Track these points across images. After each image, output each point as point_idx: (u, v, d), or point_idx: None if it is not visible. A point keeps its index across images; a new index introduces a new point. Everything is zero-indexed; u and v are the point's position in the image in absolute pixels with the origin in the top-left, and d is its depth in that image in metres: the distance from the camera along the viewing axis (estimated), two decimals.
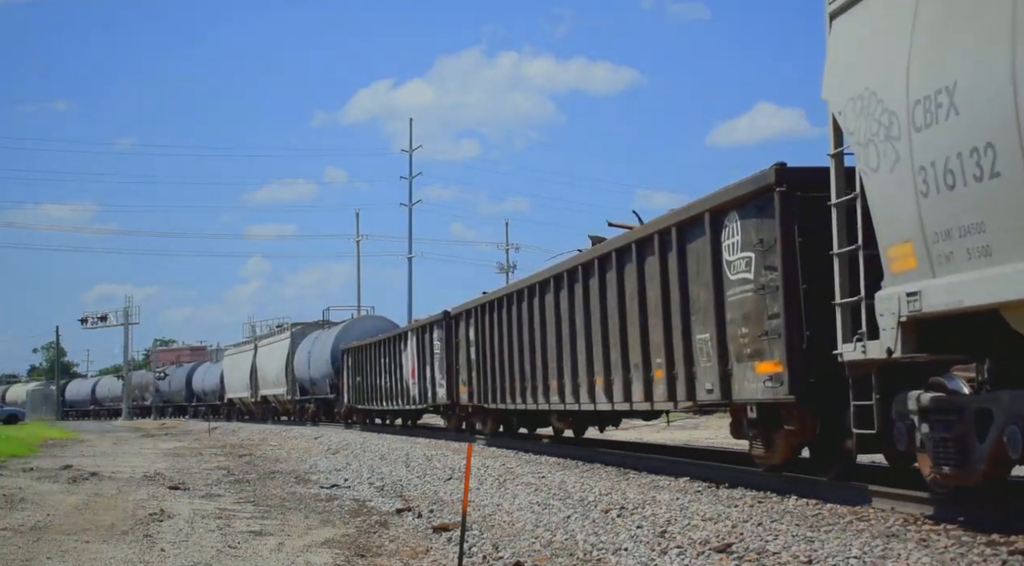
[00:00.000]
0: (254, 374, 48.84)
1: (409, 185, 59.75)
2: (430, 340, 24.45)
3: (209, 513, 11.35)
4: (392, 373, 28.48)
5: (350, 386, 34.08)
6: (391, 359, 28.66)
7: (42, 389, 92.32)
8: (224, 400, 55.79)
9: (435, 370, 23.99)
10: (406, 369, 26.94)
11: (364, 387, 32.04)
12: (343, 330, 37.49)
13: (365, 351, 32.15)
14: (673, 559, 7.23)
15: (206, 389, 61.00)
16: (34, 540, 9.47)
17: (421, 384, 25.36)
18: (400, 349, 27.75)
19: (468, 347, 21.56)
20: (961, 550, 6.57)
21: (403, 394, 27.35)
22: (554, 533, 8.85)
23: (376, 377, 30.47)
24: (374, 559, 8.40)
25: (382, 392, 29.75)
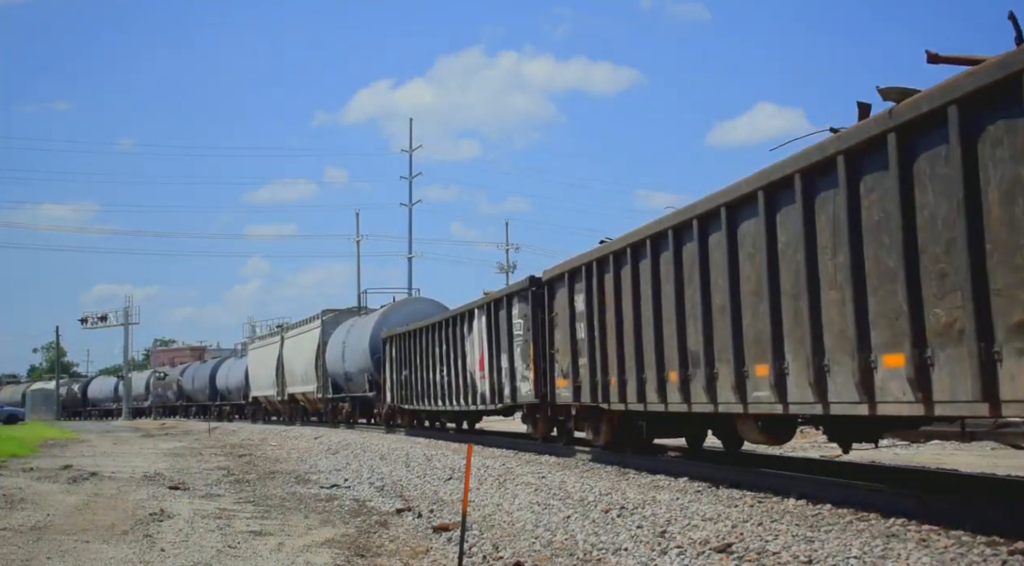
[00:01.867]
0: (280, 369, 43.57)
1: (409, 185, 59.73)
2: (507, 319, 18.48)
3: (209, 513, 11.35)
4: (450, 365, 22.64)
5: (394, 382, 28.29)
6: (449, 347, 22.74)
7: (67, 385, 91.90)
8: (249, 399, 50.58)
9: (515, 358, 18.11)
10: (471, 359, 21.13)
11: (412, 383, 26.30)
12: (384, 315, 31.09)
13: (413, 338, 26.01)
14: (673, 559, 7.23)
15: (230, 387, 55.43)
16: (34, 540, 9.47)
17: (493, 377, 19.47)
18: (461, 333, 21.85)
19: (574, 323, 15.09)
20: (961, 550, 6.57)
21: (466, 391, 21.54)
22: (554, 533, 8.85)
23: (428, 370, 24.63)
24: (374, 559, 8.40)
25: (436, 389, 23.96)
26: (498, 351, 19.20)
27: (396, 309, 31.49)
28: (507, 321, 18.46)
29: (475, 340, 20.77)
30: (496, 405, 19.73)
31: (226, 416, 55.74)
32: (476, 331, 20.62)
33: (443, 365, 23.19)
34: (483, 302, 20.17)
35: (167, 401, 69.50)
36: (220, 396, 57.39)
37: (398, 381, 27.82)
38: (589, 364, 14.38)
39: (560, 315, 15.82)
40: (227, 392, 56.00)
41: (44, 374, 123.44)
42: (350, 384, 33.60)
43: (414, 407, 26.57)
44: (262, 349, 48.73)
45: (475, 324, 20.78)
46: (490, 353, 19.61)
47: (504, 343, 18.78)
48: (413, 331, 26.12)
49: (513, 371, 18.26)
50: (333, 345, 35.18)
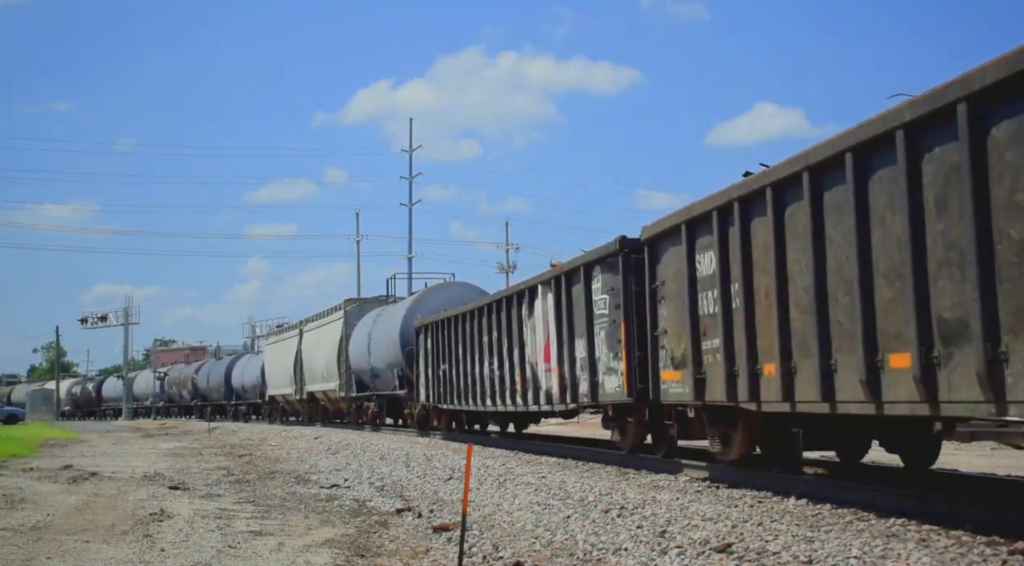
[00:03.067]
0: (299, 366, 40.12)
1: (409, 185, 59.64)
2: (585, 295, 14.68)
3: (209, 513, 11.36)
4: (502, 356, 18.91)
5: (429, 378, 24.60)
6: (501, 334, 19.03)
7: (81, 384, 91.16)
8: (265, 398, 47.06)
9: (596, 345, 14.36)
10: (532, 347, 17.40)
11: (451, 379, 22.56)
12: (416, 302, 27.57)
13: (454, 326, 22.39)
14: (673, 559, 7.23)
15: (246, 385, 51.69)
16: (34, 540, 9.47)
17: (564, 370, 15.65)
18: (518, 317, 18.03)
19: (695, 293, 11.23)
20: (961, 550, 6.57)
21: (524, 388, 17.78)
22: (554, 533, 8.85)
23: (472, 364, 20.98)
24: (374, 559, 8.40)
25: (482, 386, 20.22)
26: (571, 337, 15.28)
27: (430, 295, 27.80)
28: (585, 298, 14.57)
29: (538, 324, 16.88)
30: (568, 405, 15.71)
31: (242, 416, 52.81)
32: (540, 313, 16.73)
33: (493, 357, 19.51)
34: (549, 275, 16.31)
35: (182, 401, 65.81)
36: (236, 395, 54.10)
37: (434, 377, 24.10)
38: (724, 348, 10.44)
39: (671, 284, 11.95)
40: (243, 391, 52.58)
41: (45, 374, 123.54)
42: (377, 381, 30.04)
43: (454, 407, 22.82)
44: (279, 344, 44.99)
45: (538, 304, 16.82)
46: (559, 340, 15.68)
47: (580, 326, 14.89)
48: (454, 317, 22.30)
49: (593, 362, 14.37)
50: (357, 338, 31.83)
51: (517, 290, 18.27)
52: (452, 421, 24.64)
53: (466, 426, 24.42)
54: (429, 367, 24.54)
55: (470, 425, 24.37)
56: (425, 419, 26.42)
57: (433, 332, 24.08)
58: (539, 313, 16.86)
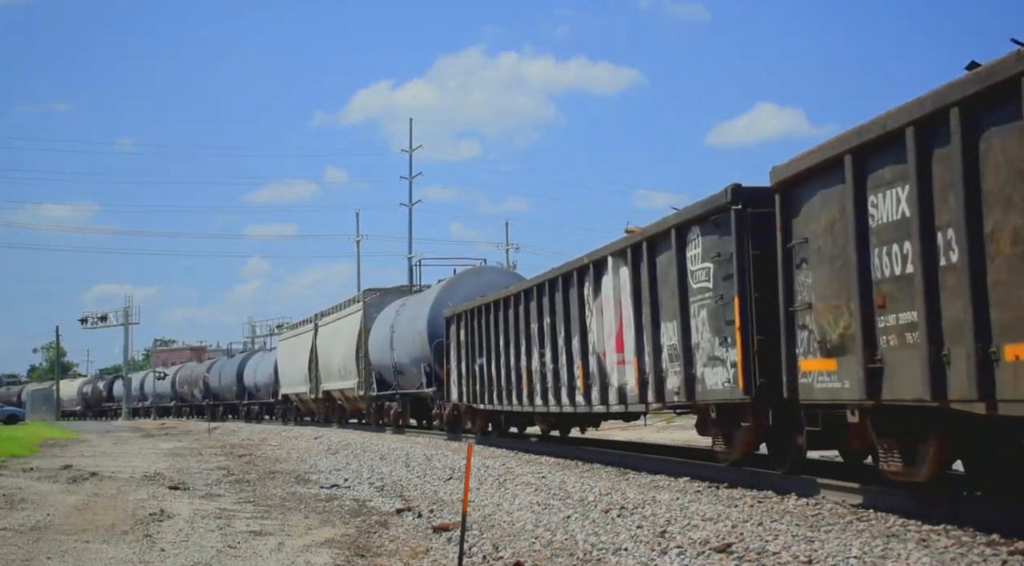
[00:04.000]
0: (313, 362, 37.50)
1: (409, 185, 59.53)
2: (675, 265, 11.52)
3: (209, 513, 11.36)
4: (556, 346, 15.71)
5: (462, 374, 21.55)
6: (555, 319, 15.71)
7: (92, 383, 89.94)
8: (279, 397, 44.39)
9: (694, 329, 11.31)
10: (598, 334, 14.10)
11: (490, 375, 19.50)
12: (446, 290, 24.54)
13: (493, 314, 19.21)
14: (673, 559, 7.23)
15: (259, 384, 48.87)
16: (34, 540, 9.47)
17: (646, 361, 12.44)
18: (579, 298, 14.74)
19: (864, 248, 8.29)
20: (961, 550, 6.57)
21: (587, 384, 14.50)
22: (554, 533, 8.85)
23: (517, 356, 17.82)
24: (374, 559, 8.41)
25: (531, 382, 17.09)
26: (655, 320, 12.11)
27: (460, 281, 24.82)
28: (676, 269, 11.41)
29: (607, 306, 13.69)
30: (650, 404, 12.66)
31: (254, 417, 50.36)
32: (610, 291, 13.54)
33: (544, 348, 16.35)
34: (624, 244, 12.91)
35: (193, 401, 62.45)
36: (248, 394, 51.27)
37: (468, 373, 21.03)
38: (926, 323, 7.39)
39: (820, 240, 9.02)
40: (255, 389, 49.76)
41: (45, 374, 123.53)
42: (400, 378, 27.12)
43: (492, 407, 19.74)
44: (293, 339, 42.28)
45: (607, 281, 13.63)
46: (638, 324, 12.57)
47: (669, 305, 11.75)
48: (493, 303, 19.24)
49: (688, 350, 11.32)
50: (379, 331, 29.00)
51: (577, 265, 14.76)
52: (488, 423, 21.73)
53: (504, 429, 21.53)
54: (462, 362, 21.55)
55: (508, 428, 21.65)
56: (456, 421, 23.41)
57: (467, 322, 21.00)
58: (608, 292, 13.58)
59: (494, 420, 21.44)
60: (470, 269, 26.38)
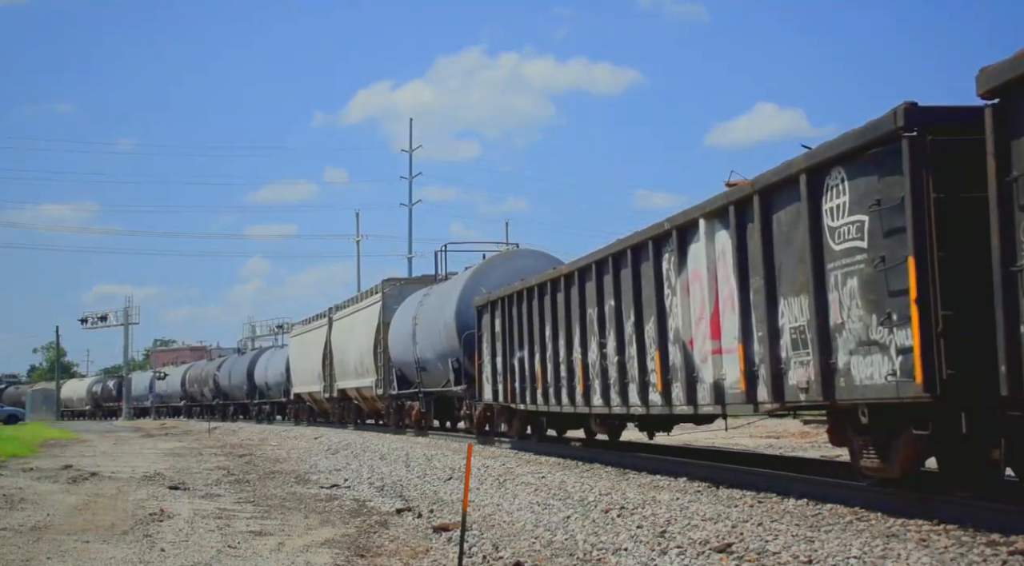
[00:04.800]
0: (328, 359, 35.42)
1: (409, 185, 59.57)
2: (809, 222, 8.65)
3: (209, 513, 11.36)
4: (622, 333, 13.00)
5: (497, 370, 19.00)
6: (621, 302, 13.05)
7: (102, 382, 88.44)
8: (291, 396, 42.23)
9: (836, 303, 8.43)
10: (684, 318, 11.33)
11: (531, 370, 16.99)
12: (476, 276, 21.93)
13: (537, 299, 16.57)
14: (673, 559, 7.23)
15: (270, 382, 46.55)
16: (34, 540, 9.47)
17: (755, 349, 9.79)
18: (657, 274, 11.97)
19: None
20: (961, 550, 6.57)
21: (667, 378, 11.80)
22: (554, 533, 8.85)
23: (569, 348, 15.07)
24: (374, 559, 8.41)
25: (587, 378, 14.41)
26: (771, 295, 9.37)
27: (492, 267, 22.16)
28: (806, 227, 8.63)
29: (695, 281, 11.04)
30: (763, 404, 9.83)
31: (265, 417, 48.34)
32: (701, 262, 10.75)
33: (606, 336, 13.54)
34: (722, 201, 10.17)
35: (203, 400, 60.07)
36: (259, 393, 48.94)
37: (506, 368, 18.44)
38: None
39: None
40: (266, 388, 47.48)
41: (45, 374, 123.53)
42: (424, 375, 24.64)
43: (536, 408, 17.12)
44: (305, 335, 39.92)
45: (697, 251, 10.91)
46: (744, 302, 9.87)
47: (792, 275, 9.04)
48: (538, 286, 16.47)
49: (826, 332, 8.51)
50: (399, 324, 26.68)
51: (652, 233, 11.92)
52: (529, 425, 19.24)
53: (546, 432, 19.25)
54: (497, 356, 18.93)
55: (538, 428, 19.22)
56: (488, 423, 21.14)
57: (504, 310, 18.39)
58: (698, 264, 10.86)
59: (534, 422, 18.99)
60: (502, 253, 23.63)
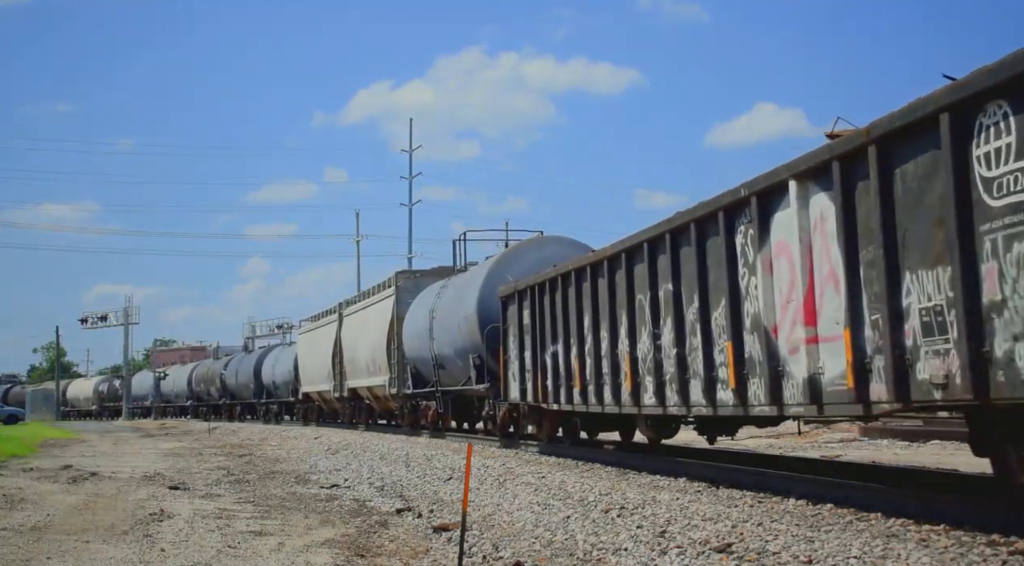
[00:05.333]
0: (338, 357, 33.89)
1: (409, 185, 59.51)
2: (951, 177, 6.80)
3: (209, 513, 11.36)
4: (682, 322, 11.31)
5: (526, 366, 17.37)
6: (681, 285, 11.35)
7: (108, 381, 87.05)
8: (299, 395, 40.89)
9: (995, 276, 6.57)
10: (767, 301, 9.53)
11: (567, 366, 15.21)
12: (499, 266, 20.39)
13: (575, 285, 14.74)
14: (673, 559, 7.23)
15: (277, 381, 45.12)
16: (34, 540, 9.47)
17: (868, 337, 7.96)
18: (728, 251, 10.17)
19: None
20: (961, 550, 6.57)
21: (743, 374, 9.98)
22: (554, 533, 8.85)
23: (613, 340, 13.34)
24: (374, 559, 8.40)
25: (639, 374, 12.55)
26: (892, 268, 7.64)
27: (518, 255, 20.53)
28: (948, 182, 6.92)
29: (781, 257, 9.31)
30: (884, 403, 7.89)
31: (273, 417, 46.73)
32: (791, 233, 9.03)
33: (660, 325, 11.79)
34: (823, 156, 8.41)
35: (210, 400, 58.41)
36: (267, 393, 47.34)
37: (537, 364, 16.66)
38: None
39: None
40: (273, 387, 46.04)
41: (45, 374, 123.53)
42: (442, 373, 23.11)
43: (572, 407, 15.20)
44: (315, 332, 38.45)
45: (784, 220, 9.19)
46: (852, 279, 8.16)
47: (924, 243, 7.33)
48: (575, 272, 14.72)
49: (976, 313, 6.82)
50: (414, 318, 25.17)
51: (723, 204, 10.08)
52: (560, 427, 17.50)
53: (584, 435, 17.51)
54: (526, 350, 17.28)
55: (576, 432, 17.32)
56: (513, 424, 19.50)
57: (534, 300, 16.67)
58: (787, 236, 9.10)
59: (565, 424, 17.24)
60: (529, 240, 21.68)
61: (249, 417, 51.22)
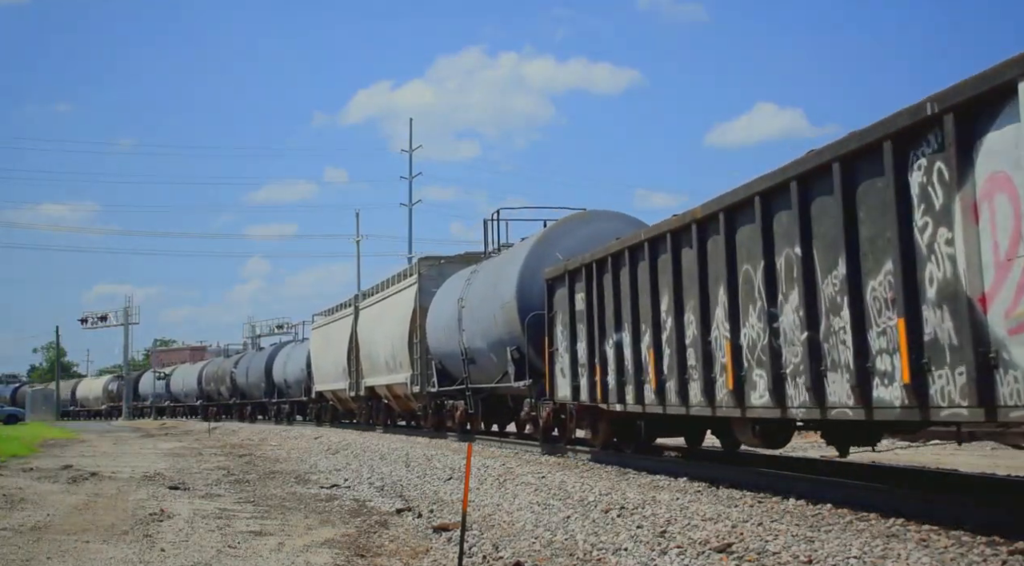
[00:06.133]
0: (353, 353, 32.00)
1: (409, 185, 59.51)
2: None
3: (209, 513, 11.36)
4: (815, 296, 8.72)
5: (581, 360, 14.91)
6: (819, 246, 8.68)
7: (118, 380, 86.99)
8: (312, 394, 38.96)
9: None
10: (969, 261, 6.77)
11: (638, 358, 12.80)
12: (542, 245, 17.87)
13: (649, 260, 12.28)
14: (673, 559, 7.23)
15: (289, 380, 43.21)
16: (34, 540, 9.47)
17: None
18: (898, 194, 7.46)
19: None
20: (961, 550, 6.57)
21: (926, 362, 7.23)
22: (554, 533, 8.85)
23: (706, 324, 10.86)
24: (374, 559, 8.40)
25: (744, 365, 10.03)
26: None
27: (563, 234, 17.88)
28: None
29: (996, 196, 6.62)
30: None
31: (284, 418, 44.63)
32: (1019, 165, 6.38)
33: (778, 302, 9.41)
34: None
35: (220, 399, 56.43)
36: (278, 392, 45.32)
37: (593, 357, 14.19)
38: None
39: None
40: (285, 386, 44.08)
41: (45, 374, 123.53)
42: (472, 369, 20.79)
43: (644, 408, 12.66)
44: (329, 327, 36.30)
45: (998, 143, 6.57)
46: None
47: None
48: (648, 242, 12.24)
49: None
50: (441, 308, 22.90)
51: (890, 131, 7.58)
52: (612, 433, 14.97)
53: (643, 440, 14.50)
54: (579, 341, 14.85)
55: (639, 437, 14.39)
56: (557, 427, 17.00)
57: (591, 280, 14.22)
58: (1005, 168, 6.55)
59: (624, 427, 14.61)
60: (574, 216, 18.77)
61: (260, 418, 49.35)
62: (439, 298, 23.75)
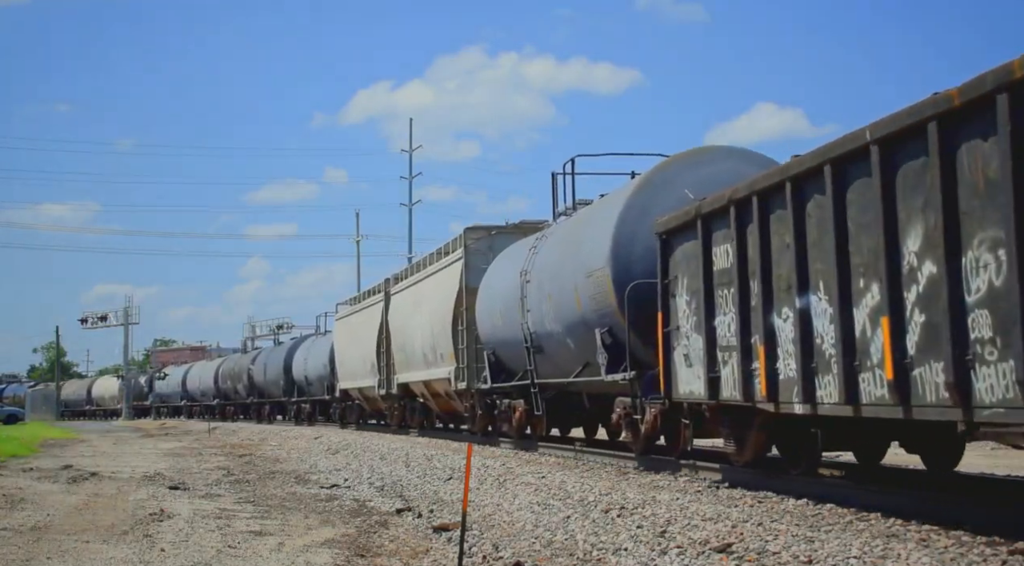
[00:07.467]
0: (384, 346, 27.82)
1: (409, 185, 59.47)
2: None
3: (209, 513, 11.36)
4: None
5: (719, 342, 10.64)
6: None
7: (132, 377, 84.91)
8: (336, 393, 34.69)
9: None
10: None
11: (844, 331, 8.18)
12: (639, 195, 13.56)
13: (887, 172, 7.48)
14: (673, 559, 7.23)
15: (310, 376, 39.22)
16: (34, 540, 9.47)
17: None
18: None
19: None
20: (961, 550, 6.57)
21: None
22: (554, 533, 8.85)
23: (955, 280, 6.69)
24: (374, 559, 8.41)
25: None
26: None
27: (670, 178, 13.35)
28: None
29: None
30: None
31: (305, 418, 40.40)
32: None
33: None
34: None
35: (237, 398, 52.45)
36: (298, 390, 41.14)
37: (752, 336, 9.94)
38: None
39: None
40: (306, 384, 39.92)
41: (45, 374, 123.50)
42: (538, 359, 16.89)
43: (856, 409, 8.20)
44: (355, 316, 31.92)
45: None
46: None
47: None
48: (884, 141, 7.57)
49: None
50: (495, 285, 19.08)
51: None
52: (769, 440, 11.09)
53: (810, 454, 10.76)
54: (725, 313, 10.52)
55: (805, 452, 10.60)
56: (664, 434, 13.15)
57: (745, 225, 10.06)
58: None
59: (786, 438, 10.85)
60: (682, 156, 13.88)
61: (280, 418, 45.47)
62: (492, 274, 19.49)
